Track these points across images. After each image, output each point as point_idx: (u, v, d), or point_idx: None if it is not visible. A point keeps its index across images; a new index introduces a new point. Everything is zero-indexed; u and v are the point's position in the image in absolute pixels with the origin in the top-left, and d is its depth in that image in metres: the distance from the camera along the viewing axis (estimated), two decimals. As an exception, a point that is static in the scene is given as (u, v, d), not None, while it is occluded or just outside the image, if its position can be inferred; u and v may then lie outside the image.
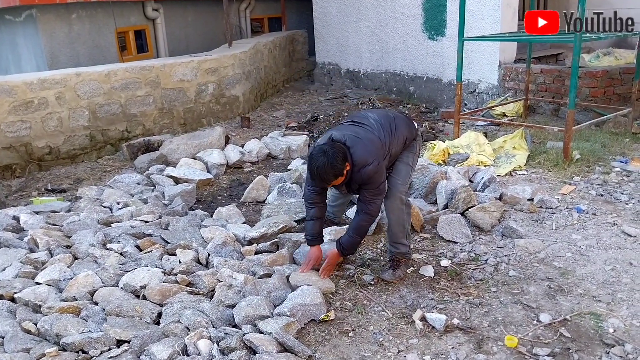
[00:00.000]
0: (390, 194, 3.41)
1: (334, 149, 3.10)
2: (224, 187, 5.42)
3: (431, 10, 8.46)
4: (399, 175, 3.46)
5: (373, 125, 3.38)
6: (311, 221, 3.41)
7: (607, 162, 5.24)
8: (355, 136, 3.25)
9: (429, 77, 8.82)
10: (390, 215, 3.46)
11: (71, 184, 5.61)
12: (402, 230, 3.48)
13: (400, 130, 3.44)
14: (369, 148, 3.20)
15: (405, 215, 3.49)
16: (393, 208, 3.43)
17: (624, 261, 3.49)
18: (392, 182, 3.45)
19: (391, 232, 3.51)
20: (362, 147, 3.19)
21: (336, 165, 3.08)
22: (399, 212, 3.44)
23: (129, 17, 9.39)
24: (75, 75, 6.15)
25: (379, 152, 3.24)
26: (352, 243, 3.39)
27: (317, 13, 10.74)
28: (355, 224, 3.35)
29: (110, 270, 3.43)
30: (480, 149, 5.54)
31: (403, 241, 3.50)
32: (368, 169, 3.14)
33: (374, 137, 3.29)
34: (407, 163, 3.51)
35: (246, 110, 8.39)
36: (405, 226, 3.51)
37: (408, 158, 3.53)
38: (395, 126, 3.43)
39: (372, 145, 3.23)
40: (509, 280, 3.36)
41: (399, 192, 3.42)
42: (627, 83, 6.67)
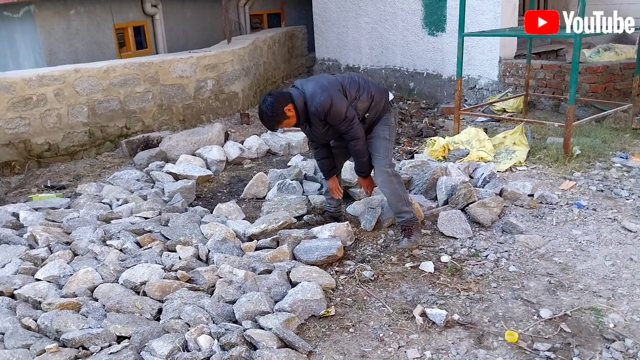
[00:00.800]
0: (375, 171, 3.73)
1: (273, 97, 3.49)
2: (223, 183, 5.41)
3: (431, 5, 8.44)
4: (377, 151, 3.72)
5: (336, 75, 3.72)
6: (320, 160, 3.94)
7: (608, 157, 5.23)
8: (310, 79, 3.62)
9: (429, 73, 8.81)
10: (384, 189, 3.75)
11: (70, 180, 5.60)
12: (399, 199, 3.74)
13: (368, 88, 3.68)
14: (320, 83, 3.52)
15: (397, 185, 3.73)
16: (384, 183, 3.71)
17: (624, 256, 3.49)
18: (375, 160, 3.72)
19: (391, 205, 3.81)
20: (312, 85, 3.53)
21: (274, 113, 3.45)
22: (390, 184, 3.71)
23: (128, 13, 9.36)
24: (74, 71, 6.14)
25: (332, 87, 3.51)
26: (362, 165, 3.79)
27: (317, 9, 10.71)
28: (351, 151, 3.74)
29: (110, 266, 3.43)
30: (481, 145, 5.54)
31: (404, 209, 3.76)
32: (321, 100, 3.43)
33: (330, 77, 3.63)
34: (384, 137, 3.75)
35: (245, 106, 8.37)
36: (402, 194, 3.76)
37: (384, 132, 3.76)
38: (364, 82, 3.71)
39: (324, 81, 3.55)
40: (509, 275, 3.36)
41: (383, 167, 3.69)
42: (628, 78, 6.66)
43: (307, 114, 3.53)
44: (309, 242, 3.64)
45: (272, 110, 3.45)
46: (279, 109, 3.46)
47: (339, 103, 3.47)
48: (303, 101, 3.50)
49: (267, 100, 3.47)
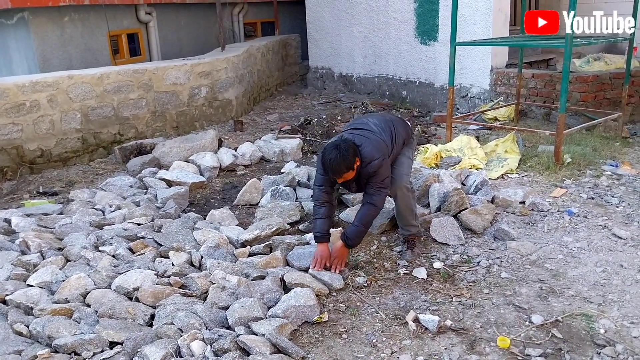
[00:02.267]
0: (396, 183, 3.73)
1: (346, 144, 3.40)
2: (217, 190, 5.42)
3: (423, 15, 8.51)
4: (402, 167, 3.84)
5: (375, 129, 3.70)
6: (320, 219, 3.57)
7: (598, 165, 5.28)
8: (363, 136, 3.59)
9: (422, 81, 8.87)
10: (399, 202, 3.80)
11: (63, 186, 5.58)
12: (410, 213, 3.83)
13: (399, 133, 3.82)
14: (376, 145, 3.53)
15: (411, 200, 3.83)
16: (400, 196, 3.76)
17: (614, 263, 3.52)
18: (397, 173, 3.77)
19: (401, 217, 3.85)
20: (369, 144, 3.51)
21: (348, 159, 3.35)
22: (406, 198, 3.78)
23: (122, 21, 9.38)
24: (67, 77, 6.14)
25: (385, 150, 3.58)
26: (357, 233, 3.54)
27: (310, 18, 10.77)
28: (361, 215, 3.54)
29: (103, 272, 3.43)
30: (473, 153, 5.58)
31: (413, 222, 3.85)
32: (375, 162, 3.45)
33: (379, 138, 3.63)
34: (408, 157, 3.93)
35: (239, 113, 8.39)
36: (413, 209, 3.87)
37: (409, 152, 3.97)
38: (394, 129, 3.80)
39: (378, 144, 3.56)
40: (501, 282, 3.38)
41: (404, 181, 3.77)
42: (617, 88, 6.74)
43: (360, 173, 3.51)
44: (302, 249, 3.65)
45: (346, 156, 3.33)
46: (352, 158, 3.37)
47: (387, 167, 3.55)
48: (360, 158, 3.46)
49: (340, 146, 3.35)
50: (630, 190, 4.71)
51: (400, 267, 3.62)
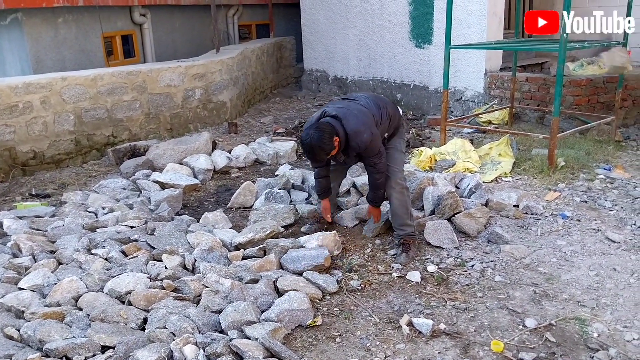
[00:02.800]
0: (391, 182, 3.78)
1: (320, 130, 3.46)
2: (210, 192, 5.40)
3: (418, 18, 8.53)
4: (394, 162, 3.83)
5: (362, 99, 3.78)
6: (319, 179, 4.01)
7: (591, 169, 5.30)
8: (347, 109, 3.62)
9: (416, 84, 8.88)
10: (393, 200, 3.82)
11: (56, 188, 5.55)
12: (405, 212, 3.83)
13: (386, 108, 3.80)
14: (360, 118, 3.55)
15: (406, 197, 3.85)
16: (396, 194, 3.80)
17: (607, 267, 3.53)
18: (390, 170, 3.79)
19: (396, 216, 3.85)
20: (353, 118, 3.54)
21: (323, 145, 3.45)
22: (401, 195, 3.80)
23: (116, 22, 9.34)
24: (60, 79, 6.11)
25: (370, 121, 3.59)
26: (376, 196, 3.86)
27: (305, 20, 10.78)
28: (372, 182, 3.80)
29: (95, 275, 3.40)
30: (467, 156, 5.58)
31: (408, 222, 3.84)
32: (363, 138, 3.50)
33: (364, 109, 3.66)
34: (400, 150, 3.92)
35: (233, 116, 8.37)
36: (408, 208, 3.86)
37: (400, 145, 3.94)
38: (383, 103, 3.83)
39: (363, 116, 3.58)
40: (495, 285, 3.38)
41: (397, 178, 3.80)
42: (611, 91, 6.77)
43: (346, 144, 3.57)
44: (296, 252, 3.64)
45: (321, 142, 3.44)
46: (329, 141, 3.46)
47: (377, 139, 3.60)
48: (344, 134, 3.52)
49: (314, 134, 3.44)
50: (624, 193, 4.72)
51: (394, 270, 3.61)
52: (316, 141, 3.43)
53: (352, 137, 3.51)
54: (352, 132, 3.51)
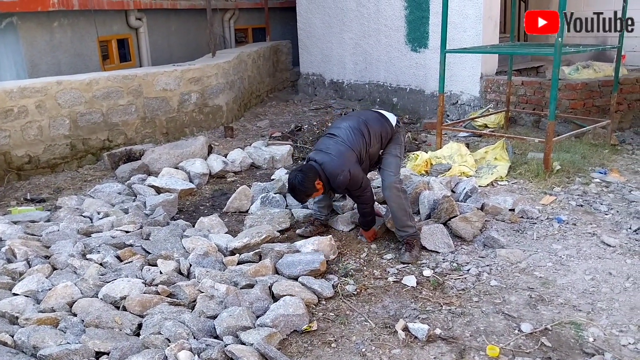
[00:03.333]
0: (386, 185, 3.89)
1: (303, 173, 3.73)
2: (206, 197, 5.38)
3: (414, 22, 8.55)
4: (389, 167, 3.95)
5: (344, 134, 3.87)
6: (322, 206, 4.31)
7: (587, 173, 5.31)
8: (326, 152, 3.82)
9: (412, 88, 8.89)
10: (392, 204, 3.88)
11: (51, 193, 5.53)
12: (405, 214, 3.90)
13: (374, 130, 3.91)
14: (336, 162, 3.74)
15: (404, 200, 3.91)
16: (392, 198, 3.86)
17: (603, 271, 3.53)
18: (385, 174, 3.94)
19: (397, 219, 3.91)
20: (330, 163, 3.76)
21: (304, 188, 3.73)
22: (398, 199, 3.87)
23: (112, 26, 9.34)
24: (56, 83, 6.09)
25: (348, 160, 3.75)
26: (366, 221, 4.06)
27: (301, 24, 10.79)
28: (360, 212, 4.05)
29: (90, 280, 3.39)
30: (462, 160, 5.59)
31: (408, 223, 3.91)
32: (339, 179, 3.71)
33: (343, 148, 3.80)
34: (395, 155, 4.01)
35: (230, 120, 8.37)
36: (407, 210, 3.93)
37: (396, 150, 4.03)
38: (367, 128, 3.90)
39: (340, 158, 3.76)
40: (491, 290, 3.38)
41: (393, 182, 3.88)
42: (606, 95, 6.79)
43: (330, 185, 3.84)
44: (292, 256, 3.63)
45: (304, 185, 3.72)
46: (311, 185, 3.74)
47: (356, 176, 3.77)
48: (325, 177, 3.78)
49: (297, 176, 3.73)
50: (619, 197, 4.73)
51: (390, 275, 3.61)
52: (298, 183, 3.71)
53: (331, 180, 3.77)
54: (330, 176, 3.76)
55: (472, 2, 7.51)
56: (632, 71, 7.52)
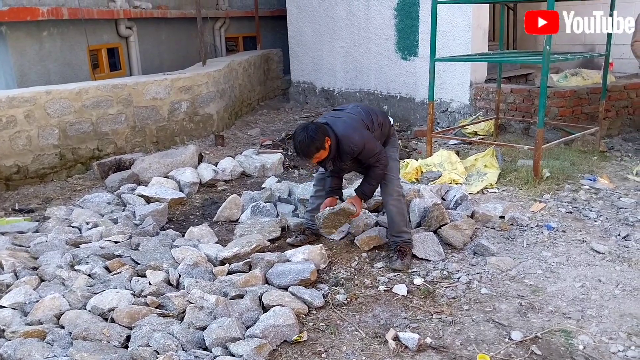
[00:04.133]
0: (387, 189, 3.85)
1: (314, 125, 3.53)
2: (196, 206, 5.36)
3: (404, 31, 8.59)
4: (391, 171, 3.86)
5: (352, 110, 3.83)
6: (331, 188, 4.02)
7: (576, 179, 5.34)
8: (335, 117, 3.72)
9: (402, 96, 8.93)
10: (391, 208, 3.84)
11: (40, 203, 5.48)
12: (403, 219, 3.88)
13: (376, 117, 3.85)
14: (349, 123, 3.63)
15: (403, 205, 3.90)
16: (392, 202, 3.83)
17: (593, 278, 3.54)
18: (386, 177, 3.83)
19: (394, 224, 3.87)
20: (342, 123, 3.62)
21: (316, 139, 3.46)
22: (398, 203, 3.85)
23: (102, 35, 9.32)
24: (45, 93, 6.06)
25: (360, 125, 3.66)
26: (372, 188, 3.85)
27: (292, 32, 10.81)
28: (374, 177, 3.76)
29: (78, 292, 3.35)
30: (453, 167, 5.60)
31: (404, 229, 3.88)
32: (355, 140, 3.55)
33: (352, 115, 3.74)
34: (395, 158, 3.98)
35: (220, 128, 8.35)
36: (405, 215, 3.93)
37: (394, 153, 4.00)
38: (372, 111, 3.89)
39: (352, 121, 3.65)
40: (481, 298, 3.38)
41: (394, 185, 3.85)
42: (594, 102, 6.84)
43: (338, 151, 3.61)
44: (282, 266, 3.61)
45: (313, 137, 3.45)
46: (321, 138, 3.49)
47: (370, 141, 3.63)
48: (335, 139, 3.57)
49: (308, 127, 3.49)
50: (608, 204, 4.76)
51: (381, 283, 3.60)
52: (311, 132, 3.45)
53: (344, 141, 3.56)
54: (342, 137, 3.56)
55: (461, 11, 7.56)
56: (620, 78, 7.60)
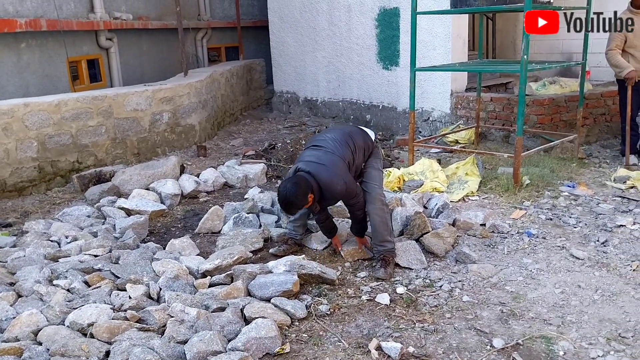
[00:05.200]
0: (371, 198, 3.89)
1: (296, 185, 3.58)
2: (178, 218, 5.32)
3: (385, 41, 8.66)
4: (374, 180, 3.96)
5: (331, 145, 3.83)
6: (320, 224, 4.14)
7: (556, 186, 5.40)
8: (318, 163, 3.72)
9: (385, 105, 8.98)
10: (375, 217, 3.87)
11: (18, 217, 5.40)
12: (386, 228, 3.91)
13: (358, 144, 3.93)
14: (332, 171, 3.67)
15: (386, 214, 3.96)
16: (376, 211, 3.87)
17: (572, 284, 3.58)
18: (370, 187, 3.93)
19: (377, 233, 3.89)
20: (326, 172, 3.67)
21: (296, 200, 3.58)
22: (382, 212, 3.89)
23: (82, 47, 9.24)
24: (23, 105, 5.99)
25: (342, 170, 3.72)
26: (361, 227, 4.05)
27: (274, 43, 10.84)
28: (355, 219, 4.00)
29: (57, 307, 3.29)
30: (434, 176, 5.64)
31: (388, 238, 3.90)
32: (337, 189, 3.66)
33: (335, 157, 3.75)
34: (378, 168, 4.06)
35: (202, 138, 8.32)
36: (388, 224, 3.96)
37: (377, 164, 4.08)
38: (352, 141, 3.91)
39: (335, 168, 3.69)
40: (463, 305, 3.39)
41: (378, 194, 3.91)
42: (572, 110, 6.94)
43: (321, 196, 3.73)
44: (264, 277, 3.59)
45: (295, 197, 3.57)
46: (303, 197, 3.59)
47: (351, 185, 3.75)
48: (318, 188, 3.67)
49: (289, 188, 3.57)
50: (587, 210, 4.82)
51: (364, 293, 3.59)
52: (291, 195, 3.56)
53: (326, 190, 3.68)
54: (325, 186, 3.66)
55: (441, 21, 7.65)
56: (597, 86, 7.73)
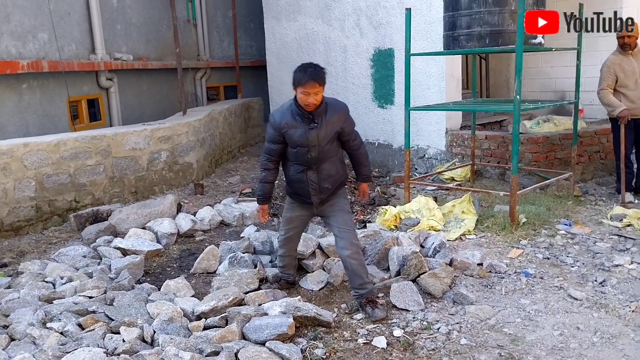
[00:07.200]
0: (345, 244, 3.81)
1: None
2: (173, 257, 5.29)
3: (380, 80, 8.79)
4: (347, 224, 3.88)
5: None
6: (264, 183, 4.01)
7: (552, 225, 5.40)
8: None
9: (380, 142, 9.05)
10: (352, 262, 3.80)
11: (13, 257, 5.37)
12: (365, 271, 3.87)
13: None
14: None
15: (361, 256, 3.90)
16: (353, 255, 3.79)
17: (571, 325, 3.54)
18: (344, 233, 3.83)
19: (356, 277, 3.82)
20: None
21: (324, 70, 3.72)
22: (357, 255, 3.83)
23: (82, 87, 9.36)
24: (22, 145, 6.03)
25: None
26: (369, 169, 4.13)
27: (272, 82, 10.99)
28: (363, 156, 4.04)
29: (49, 351, 3.25)
30: (431, 214, 5.64)
31: (367, 279, 3.87)
32: (341, 104, 3.86)
33: None
34: (348, 211, 3.99)
35: (200, 176, 8.35)
36: (364, 264, 3.91)
37: (347, 205, 4.01)
38: None
39: None
40: (461, 349, 3.35)
41: (354, 239, 3.85)
42: (567, 148, 7.00)
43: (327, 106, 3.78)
44: (259, 320, 3.55)
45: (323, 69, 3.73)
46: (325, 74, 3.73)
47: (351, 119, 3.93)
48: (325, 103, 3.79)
49: None
50: (584, 249, 4.81)
51: (360, 336, 3.55)
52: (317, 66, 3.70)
53: (332, 103, 3.81)
54: (330, 100, 3.81)
55: (434, 62, 7.78)
56: (591, 124, 7.82)
